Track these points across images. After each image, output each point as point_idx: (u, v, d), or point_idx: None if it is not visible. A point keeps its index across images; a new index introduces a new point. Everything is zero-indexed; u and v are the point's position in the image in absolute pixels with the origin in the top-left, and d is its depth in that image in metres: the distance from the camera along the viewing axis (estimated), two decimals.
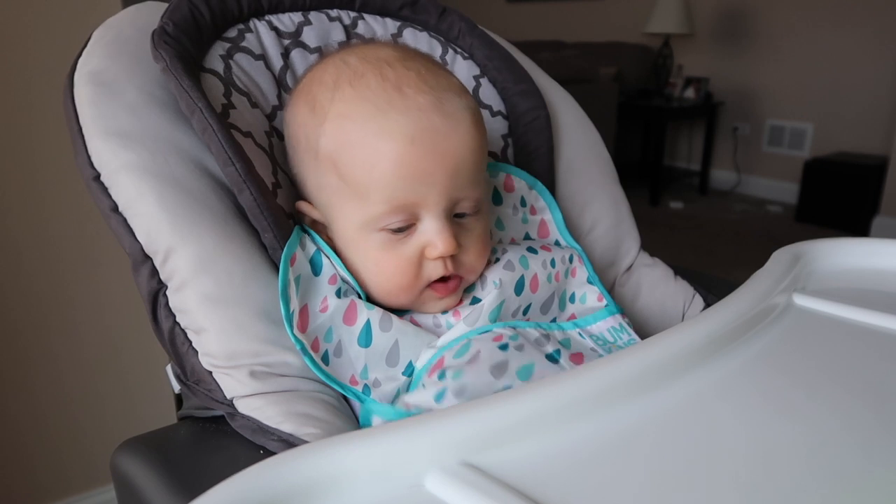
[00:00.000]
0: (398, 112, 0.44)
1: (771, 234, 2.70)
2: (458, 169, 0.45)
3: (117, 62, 0.51)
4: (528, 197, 0.61)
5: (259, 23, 0.58)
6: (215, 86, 0.52)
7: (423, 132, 0.44)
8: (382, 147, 0.44)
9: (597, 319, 0.54)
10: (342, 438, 0.29)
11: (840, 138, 2.96)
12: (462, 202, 0.47)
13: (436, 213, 0.46)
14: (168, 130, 0.49)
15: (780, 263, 0.50)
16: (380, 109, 0.44)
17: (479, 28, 0.68)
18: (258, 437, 0.42)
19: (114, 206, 0.47)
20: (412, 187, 0.45)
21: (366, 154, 0.45)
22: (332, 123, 0.46)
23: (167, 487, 0.41)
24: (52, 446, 1.03)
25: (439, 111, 0.45)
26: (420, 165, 0.44)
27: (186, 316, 0.46)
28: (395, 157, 0.44)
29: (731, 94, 3.29)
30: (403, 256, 0.46)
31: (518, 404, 0.32)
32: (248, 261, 0.47)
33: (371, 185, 0.45)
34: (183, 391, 0.48)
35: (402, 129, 0.44)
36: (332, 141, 0.46)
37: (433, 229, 0.46)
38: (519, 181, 0.61)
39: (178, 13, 0.51)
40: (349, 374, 0.45)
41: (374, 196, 0.45)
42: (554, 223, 0.61)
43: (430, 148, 0.44)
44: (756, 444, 0.32)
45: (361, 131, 0.45)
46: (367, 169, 0.45)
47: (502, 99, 0.67)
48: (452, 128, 0.45)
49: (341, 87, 0.46)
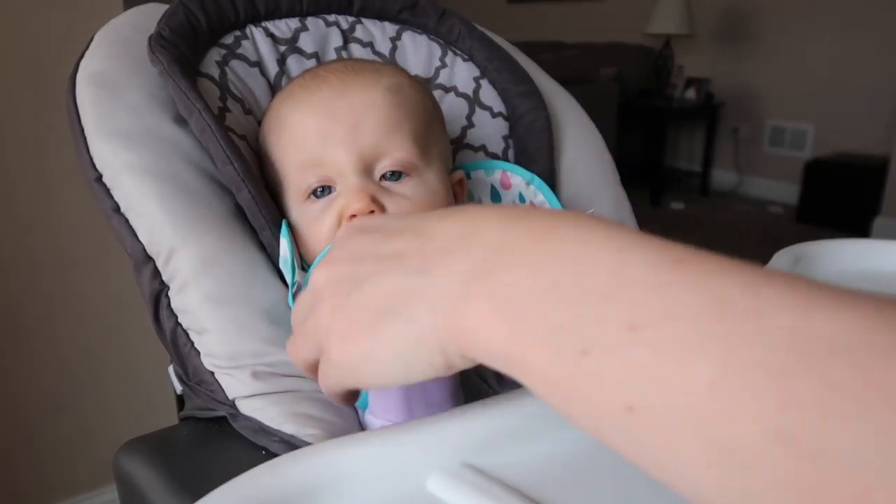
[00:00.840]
0: (305, 90, 0.48)
1: (772, 235, 2.70)
2: (360, 125, 0.46)
3: (119, 63, 0.51)
4: (527, 193, 0.61)
5: (255, 29, 0.58)
6: (211, 90, 0.52)
7: (323, 96, 0.47)
8: (285, 119, 0.48)
9: None
10: (344, 440, 0.29)
11: (841, 139, 2.96)
12: (380, 162, 0.46)
13: (346, 172, 0.46)
14: (170, 131, 0.49)
15: (780, 265, 0.51)
16: (292, 94, 0.49)
17: (478, 30, 0.68)
18: (260, 438, 0.42)
19: (115, 207, 0.47)
20: (315, 145, 0.46)
21: (277, 130, 0.49)
22: (267, 114, 0.51)
23: (169, 488, 0.41)
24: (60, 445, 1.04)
25: (343, 81, 0.47)
26: (316, 124, 0.46)
27: (188, 316, 0.46)
28: (294, 122, 0.47)
29: (732, 95, 3.29)
30: (324, 223, 0.46)
31: (520, 406, 0.32)
32: (249, 261, 0.47)
33: (283, 157, 0.48)
34: (185, 392, 0.48)
35: (306, 98, 0.47)
36: (263, 132, 0.51)
37: (345, 188, 0.46)
38: (515, 177, 0.61)
39: (174, 19, 0.51)
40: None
41: (286, 166, 0.48)
42: None
43: (324, 107, 0.46)
44: None
45: (276, 112, 0.49)
46: (279, 140, 0.48)
47: (503, 100, 0.67)
48: (354, 87, 0.47)
49: (277, 94, 0.52)
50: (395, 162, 0.46)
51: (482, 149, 0.65)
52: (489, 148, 0.65)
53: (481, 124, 0.65)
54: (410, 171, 0.47)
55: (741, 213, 3.03)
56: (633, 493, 0.29)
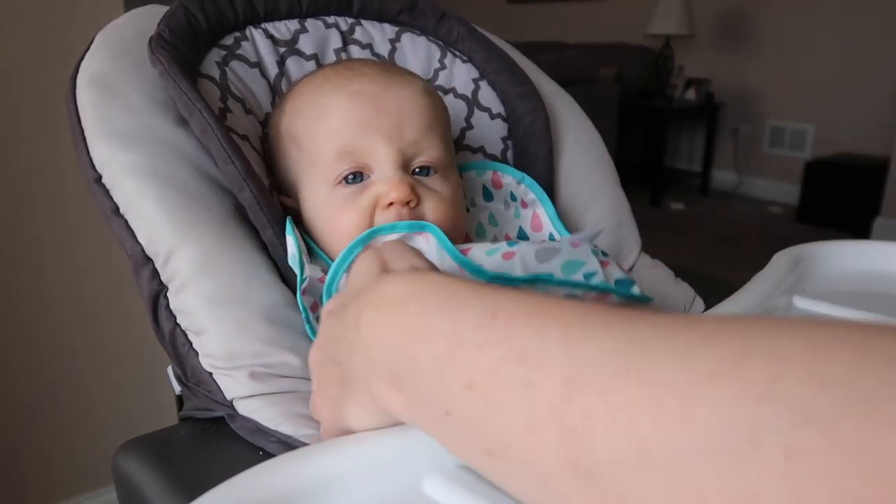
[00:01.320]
0: (345, 79, 0.48)
1: (772, 235, 2.70)
2: (403, 120, 0.47)
3: (119, 65, 0.51)
4: (518, 191, 0.61)
5: (255, 30, 0.58)
6: (212, 91, 0.52)
7: (366, 87, 0.48)
8: (327, 103, 0.48)
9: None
10: (340, 441, 0.29)
11: (841, 139, 2.96)
12: (417, 158, 0.48)
13: (386, 163, 0.47)
14: (169, 132, 0.49)
15: (780, 266, 0.51)
16: (327, 80, 0.49)
17: (478, 31, 0.68)
18: (257, 439, 0.42)
19: (115, 208, 0.48)
20: (357, 134, 0.47)
21: (314, 113, 0.48)
22: (290, 103, 0.51)
23: (167, 488, 0.41)
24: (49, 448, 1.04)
25: (384, 76, 0.49)
26: (362, 113, 0.47)
27: (187, 317, 0.46)
28: (338, 107, 0.47)
29: (732, 95, 3.29)
30: (357, 206, 0.47)
31: None
32: (248, 262, 0.47)
33: (319, 140, 0.47)
34: (184, 392, 0.48)
35: (346, 87, 0.48)
36: (288, 116, 0.50)
37: (384, 177, 0.47)
38: (506, 177, 0.61)
39: (174, 20, 0.52)
40: None
41: (322, 149, 0.47)
42: (546, 216, 0.61)
43: (372, 99, 0.47)
44: None
45: (311, 98, 0.49)
46: (315, 124, 0.48)
47: (501, 101, 0.67)
48: (397, 84, 0.48)
49: (301, 80, 0.53)
50: (429, 159, 0.49)
51: (481, 150, 0.65)
52: (488, 149, 0.65)
53: (480, 125, 0.65)
54: (439, 168, 0.49)
55: (741, 214, 3.03)
56: None
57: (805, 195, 2.83)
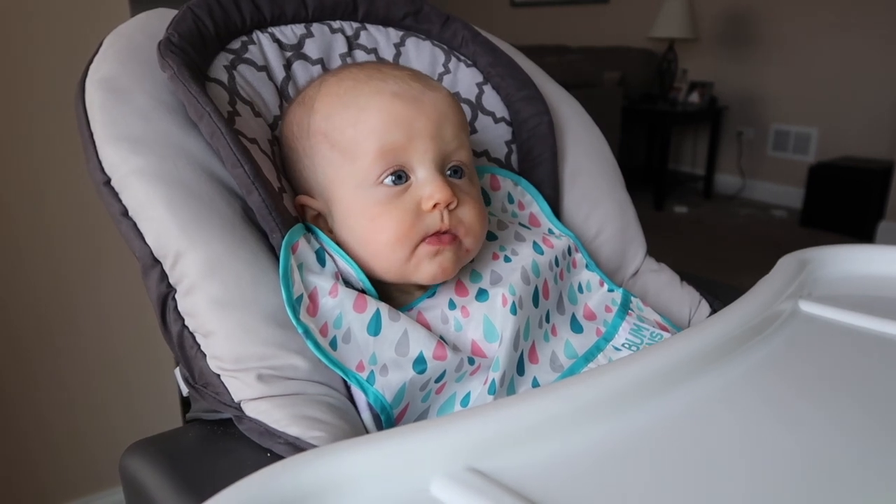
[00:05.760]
0: (379, 80, 0.49)
1: (776, 239, 2.69)
2: (442, 120, 0.49)
3: (128, 68, 0.51)
4: (515, 193, 0.63)
5: (262, 35, 0.58)
6: (220, 94, 0.52)
7: (404, 89, 0.48)
8: (366, 102, 0.48)
9: (616, 328, 0.55)
10: (348, 443, 0.29)
11: (845, 143, 2.96)
12: (452, 157, 0.50)
13: (427, 164, 0.48)
14: (178, 136, 0.50)
15: (785, 270, 0.51)
16: (361, 81, 0.50)
17: (482, 35, 0.68)
18: (265, 441, 0.43)
19: (124, 211, 0.48)
20: (398, 134, 0.47)
21: (352, 113, 0.48)
22: (320, 102, 0.50)
23: (175, 490, 0.41)
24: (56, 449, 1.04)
25: (416, 80, 0.50)
26: (404, 113, 0.48)
27: (195, 319, 0.46)
28: (379, 107, 0.48)
29: (736, 99, 3.29)
30: (400, 207, 0.47)
31: (523, 410, 0.33)
32: (256, 265, 0.47)
33: (359, 138, 0.48)
34: (191, 394, 0.49)
35: (384, 87, 0.48)
36: (320, 116, 0.50)
37: (427, 179, 0.48)
38: (504, 180, 0.63)
39: (183, 24, 0.52)
40: (357, 360, 0.45)
41: (363, 148, 0.48)
42: (543, 214, 0.63)
43: (411, 100, 0.48)
44: (761, 451, 0.32)
45: (346, 97, 0.49)
46: (354, 124, 0.48)
47: (505, 105, 0.67)
48: (430, 87, 0.50)
49: (326, 81, 0.52)
50: (460, 161, 0.50)
51: (484, 154, 0.65)
52: (491, 153, 0.66)
53: (484, 129, 0.66)
54: (466, 170, 0.51)
55: (745, 217, 3.02)
56: (637, 497, 0.29)
57: (809, 199, 2.83)
